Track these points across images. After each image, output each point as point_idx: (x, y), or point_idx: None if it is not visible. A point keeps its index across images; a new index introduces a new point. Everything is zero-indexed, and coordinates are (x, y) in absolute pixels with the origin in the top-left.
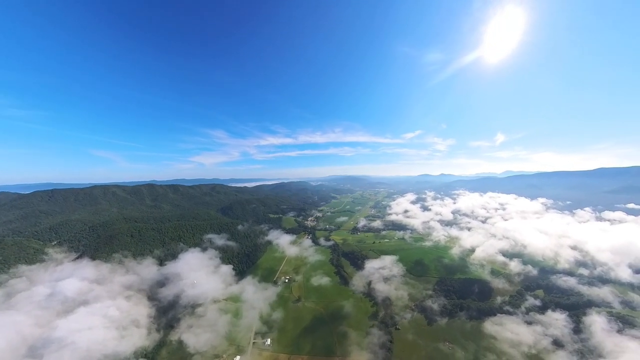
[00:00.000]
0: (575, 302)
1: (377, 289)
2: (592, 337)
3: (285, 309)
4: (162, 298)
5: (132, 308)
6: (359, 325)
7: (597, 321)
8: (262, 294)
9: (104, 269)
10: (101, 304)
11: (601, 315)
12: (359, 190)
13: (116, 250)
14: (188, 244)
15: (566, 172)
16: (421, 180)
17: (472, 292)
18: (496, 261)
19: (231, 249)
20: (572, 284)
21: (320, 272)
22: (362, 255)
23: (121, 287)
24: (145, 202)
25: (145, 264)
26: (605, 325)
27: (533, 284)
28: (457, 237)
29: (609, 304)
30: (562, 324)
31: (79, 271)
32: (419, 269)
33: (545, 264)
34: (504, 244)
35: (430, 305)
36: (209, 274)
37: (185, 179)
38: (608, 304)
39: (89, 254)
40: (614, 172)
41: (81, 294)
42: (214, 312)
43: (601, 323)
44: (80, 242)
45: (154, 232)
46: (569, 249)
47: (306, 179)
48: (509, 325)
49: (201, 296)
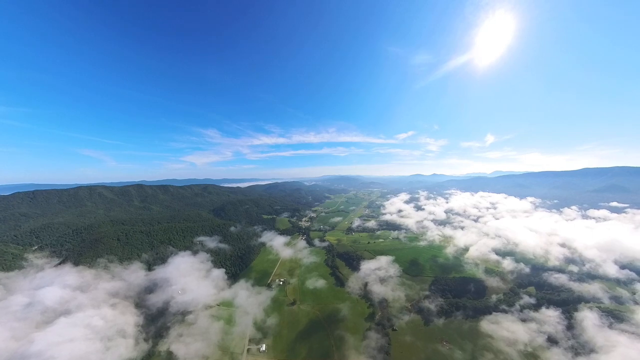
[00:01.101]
0: (567, 299)
1: (373, 290)
2: (585, 332)
3: (280, 313)
4: (151, 305)
5: (117, 317)
6: (356, 328)
7: (589, 317)
8: (256, 298)
9: (87, 275)
10: (84, 314)
11: (592, 311)
12: (353, 190)
13: (101, 255)
14: (178, 247)
15: (553, 172)
16: (414, 180)
17: (467, 290)
18: (489, 260)
19: (223, 252)
20: (563, 280)
21: (315, 274)
22: (357, 255)
23: (106, 295)
24: (133, 204)
25: (132, 269)
26: (596, 320)
27: (525, 282)
28: (451, 236)
29: (599, 300)
30: (556, 320)
31: (60, 278)
32: (414, 268)
33: (537, 262)
34: (497, 242)
35: (426, 305)
36: (200, 278)
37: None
38: (598, 299)
39: (72, 259)
40: (597, 172)
41: (62, 303)
42: (206, 319)
43: (592, 318)
44: (63, 246)
45: (142, 235)
46: (558, 246)
47: (300, 179)
48: (505, 323)
49: (192, 303)
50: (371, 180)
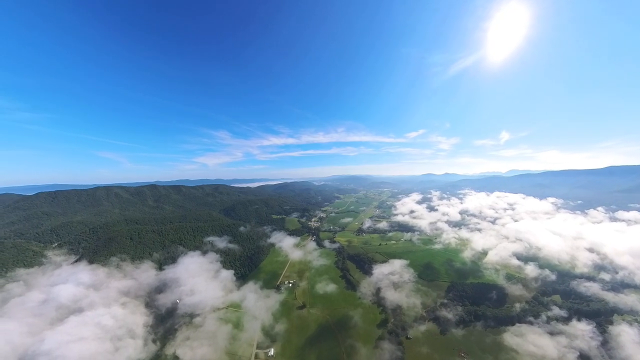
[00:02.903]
0: (599, 309)
1: (385, 295)
2: (621, 349)
3: (289, 317)
4: (160, 306)
5: (127, 316)
6: (368, 335)
7: (626, 331)
8: (265, 301)
9: (101, 273)
10: (95, 312)
11: (629, 325)
12: (363, 190)
13: (114, 253)
14: (188, 247)
15: (574, 170)
16: (425, 179)
17: (487, 298)
18: (510, 265)
19: (233, 252)
20: (595, 290)
21: (325, 276)
22: (368, 258)
23: (117, 293)
24: (147, 203)
25: (144, 268)
26: (635, 336)
27: (550, 290)
28: (467, 239)
29: (637, 312)
30: (589, 335)
31: (75, 276)
32: (428, 273)
33: (562, 268)
34: (518, 246)
35: (442, 312)
36: (208, 279)
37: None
38: (635, 312)
39: (87, 257)
40: (624, 170)
41: (75, 301)
42: (213, 322)
43: (630, 334)
44: (80, 244)
45: (154, 235)
46: (585, 251)
47: (309, 179)
48: (531, 336)
49: (200, 304)
50: (381, 180)
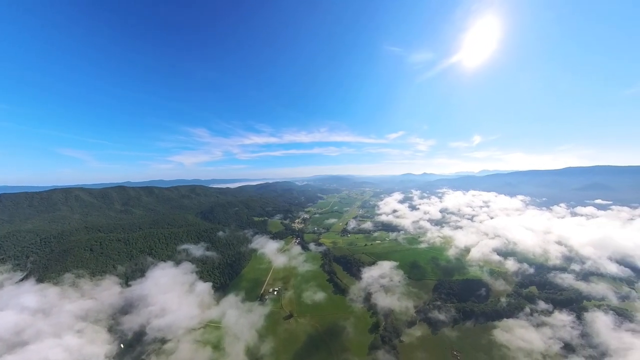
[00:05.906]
0: (574, 299)
1: (374, 297)
2: (597, 335)
3: (276, 331)
4: (126, 330)
5: (84, 347)
6: (360, 340)
7: (600, 318)
8: (248, 315)
9: (51, 294)
10: (42, 345)
11: (601, 312)
12: (345, 190)
13: (69, 269)
14: (160, 257)
15: (538, 170)
16: (405, 179)
17: (472, 293)
18: (492, 260)
19: (211, 261)
20: (570, 280)
21: (311, 281)
22: (355, 259)
23: (72, 318)
24: (114, 207)
25: (105, 285)
26: (608, 321)
27: (528, 282)
28: (450, 236)
29: (606, 299)
30: (569, 325)
31: (18, 299)
32: (415, 272)
33: (538, 261)
34: (497, 242)
35: (432, 311)
36: (182, 295)
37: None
38: (604, 298)
39: (36, 274)
40: (580, 171)
41: (17, 332)
42: (189, 347)
43: (604, 320)
44: (28, 258)
45: (119, 244)
46: (555, 244)
47: (291, 179)
48: (518, 330)
49: (172, 326)
50: (363, 179)
